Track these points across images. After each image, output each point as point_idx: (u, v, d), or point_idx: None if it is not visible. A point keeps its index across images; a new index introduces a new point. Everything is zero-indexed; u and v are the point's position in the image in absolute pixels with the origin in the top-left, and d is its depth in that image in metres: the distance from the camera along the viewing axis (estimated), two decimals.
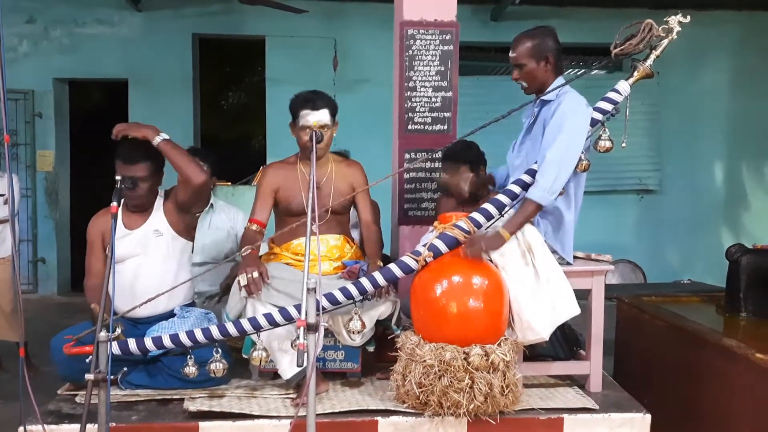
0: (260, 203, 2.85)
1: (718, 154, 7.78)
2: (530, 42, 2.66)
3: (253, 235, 2.79)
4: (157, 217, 2.80)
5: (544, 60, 2.65)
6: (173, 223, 2.80)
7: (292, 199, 2.84)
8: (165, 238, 2.77)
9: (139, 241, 2.75)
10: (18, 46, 7.07)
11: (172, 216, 2.79)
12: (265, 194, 2.86)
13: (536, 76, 2.67)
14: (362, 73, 7.12)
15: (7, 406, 3.90)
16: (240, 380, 2.75)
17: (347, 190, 2.91)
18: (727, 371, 2.71)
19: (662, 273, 7.01)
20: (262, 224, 2.83)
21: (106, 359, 1.97)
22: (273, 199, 2.87)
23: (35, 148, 7.19)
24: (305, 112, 2.79)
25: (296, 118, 2.83)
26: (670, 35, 2.55)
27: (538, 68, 2.66)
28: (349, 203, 2.96)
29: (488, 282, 2.42)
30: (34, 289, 7.17)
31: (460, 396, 2.31)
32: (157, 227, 2.78)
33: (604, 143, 2.58)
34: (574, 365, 2.82)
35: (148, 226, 2.77)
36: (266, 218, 2.86)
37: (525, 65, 2.66)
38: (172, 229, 2.80)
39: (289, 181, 2.87)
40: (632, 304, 3.65)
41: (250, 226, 2.82)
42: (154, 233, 2.76)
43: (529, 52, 2.65)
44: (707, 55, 7.49)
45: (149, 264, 2.75)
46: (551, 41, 2.67)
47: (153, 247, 2.76)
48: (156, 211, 2.81)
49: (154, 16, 7.26)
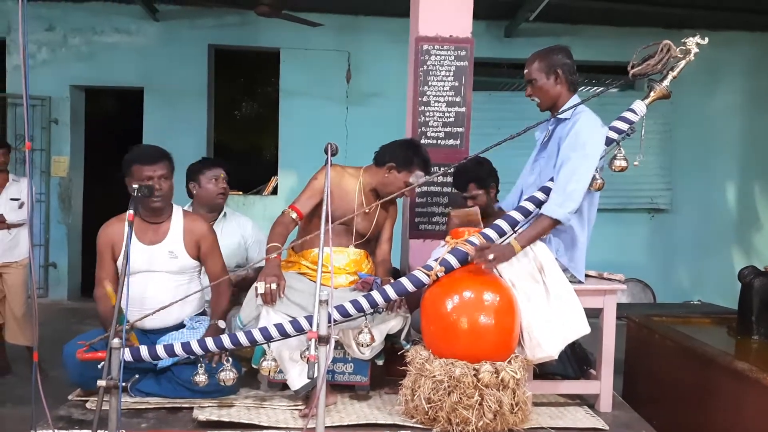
0: (307, 195, 2.87)
1: (730, 175, 7.74)
2: (540, 57, 2.70)
3: (288, 221, 2.81)
4: (174, 239, 2.77)
5: (554, 75, 2.67)
6: (190, 251, 2.78)
7: (337, 207, 2.80)
8: (179, 261, 2.76)
9: (152, 259, 2.73)
10: (37, 53, 7.16)
11: (191, 248, 2.78)
12: (316, 191, 2.85)
13: (547, 90, 2.69)
14: (375, 87, 7.16)
15: (16, 410, 3.92)
16: (249, 390, 2.75)
17: (383, 221, 3.02)
18: (739, 394, 2.68)
19: (672, 293, 6.96)
20: (300, 215, 2.84)
21: (118, 366, 1.98)
22: (320, 200, 2.80)
23: (50, 153, 7.26)
24: (419, 173, 2.91)
25: (406, 168, 2.92)
26: (688, 56, 2.57)
27: (548, 83, 2.68)
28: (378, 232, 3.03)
29: (500, 298, 2.41)
30: (44, 294, 7.21)
31: (470, 413, 2.30)
32: (173, 249, 2.75)
33: (619, 162, 2.58)
34: (584, 384, 2.80)
35: (163, 246, 2.74)
36: (306, 212, 2.86)
37: (536, 80, 2.70)
38: (187, 254, 2.78)
39: (343, 191, 2.90)
40: (642, 323, 3.63)
41: (289, 211, 2.83)
42: (168, 254, 2.74)
43: (539, 67, 2.69)
44: (720, 75, 7.47)
45: (160, 278, 2.74)
46: (561, 57, 2.69)
47: (165, 264, 2.75)
48: (173, 231, 2.78)
49: (171, 26, 7.34)
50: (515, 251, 2.48)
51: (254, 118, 11.26)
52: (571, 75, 2.69)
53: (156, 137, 6.99)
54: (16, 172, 5.19)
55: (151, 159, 2.69)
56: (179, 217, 2.81)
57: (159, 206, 2.72)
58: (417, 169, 2.91)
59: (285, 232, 2.79)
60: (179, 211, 2.84)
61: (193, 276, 2.85)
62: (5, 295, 4.64)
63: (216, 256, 2.85)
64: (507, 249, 2.49)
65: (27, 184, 2.96)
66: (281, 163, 7.41)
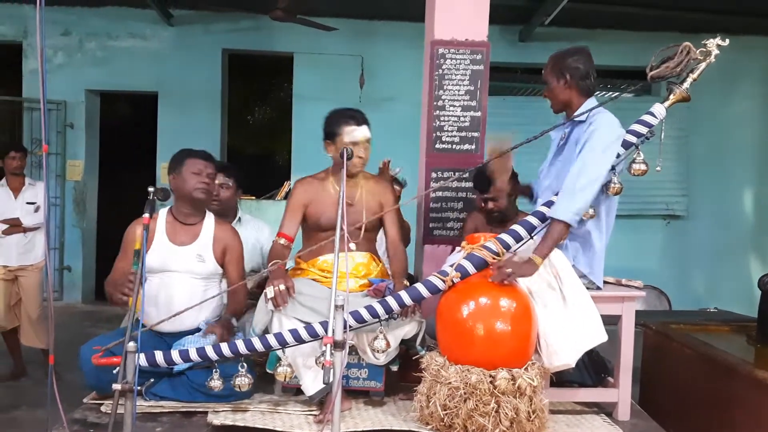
0: (289, 217, 2.87)
1: (747, 181, 7.66)
2: (553, 60, 2.71)
3: (280, 249, 2.80)
4: (204, 243, 2.83)
5: (563, 78, 2.66)
6: (217, 257, 2.84)
7: (321, 214, 2.85)
8: (206, 265, 2.81)
9: (179, 260, 2.77)
10: (53, 57, 7.23)
11: (218, 254, 2.84)
12: (294, 209, 2.87)
13: (557, 94, 2.70)
14: (389, 92, 7.15)
15: (31, 413, 3.94)
16: (263, 395, 2.74)
17: (377, 208, 2.92)
18: (759, 403, 2.64)
19: (688, 300, 6.87)
20: (290, 239, 2.84)
21: (133, 370, 1.98)
22: (302, 214, 2.88)
23: (65, 157, 7.32)
24: (350, 128, 2.80)
25: (337, 135, 2.81)
26: (708, 58, 2.53)
27: (558, 86, 2.68)
28: (378, 221, 2.97)
29: (516, 304, 2.39)
30: (59, 297, 7.25)
31: (486, 420, 2.27)
32: (201, 253, 2.81)
33: (638, 166, 2.54)
34: (601, 392, 2.77)
35: (192, 249, 2.80)
36: (294, 233, 2.87)
37: (548, 82, 2.71)
38: (215, 260, 2.84)
39: (320, 196, 2.88)
40: (659, 331, 3.58)
41: (278, 240, 2.83)
42: (197, 257, 2.80)
43: (551, 69, 2.70)
44: (738, 80, 7.40)
45: (183, 280, 2.77)
46: (574, 60, 2.66)
47: (191, 267, 2.78)
48: (204, 235, 2.84)
49: (186, 31, 7.39)
50: (537, 266, 2.43)
51: (267, 122, 11.29)
52: (582, 79, 2.66)
53: (170, 141, 7.05)
54: (32, 176, 5.23)
55: (205, 156, 2.87)
56: (211, 223, 2.88)
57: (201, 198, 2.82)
58: (343, 125, 2.79)
59: (281, 257, 2.76)
60: (211, 217, 2.91)
61: (215, 282, 2.88)
62: (21, 298, 4.67)
63: (238, 265, 2.91)
64: (529, 266, 2.43)
65: (43, 187, 2.98)
66: (294, 167, 7.42)
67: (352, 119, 2.82)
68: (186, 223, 2.83)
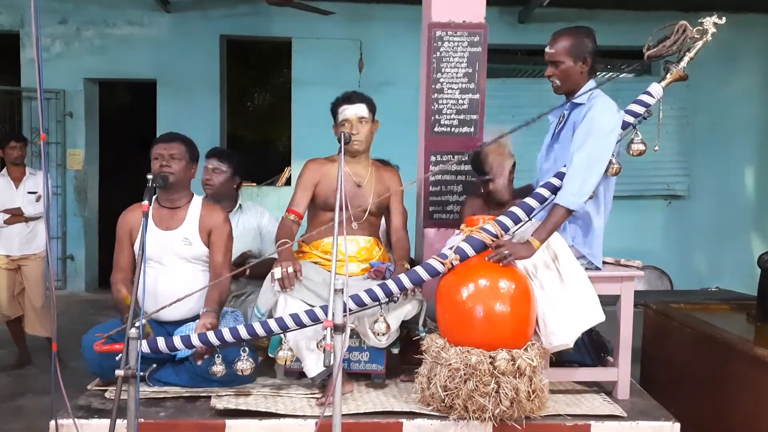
0: (299, 195, 2.93)
1: (749, 160, 7.64)
2: (571, 40, 2.61)
3: (290, 224, 2.86)
4: (190, 226, 2.79)
5: (582, 60, 2.60)
6: (205, 240, 2.80)
7: (330, 194, 2.88)
8: (193, 248, 2.78)
9: (167, 245, 2.75)
10: (51, 46, 7.21)
11: (204, 234, 2.80)
12: (305, 187, 2.93)
13: (571, 75, 2.62)
14: (387, 75, 7.12)
15: (36, 400, 3.98)
16: (266, 379, 2.77)
17: (384, 193, 3.00)
18: (759, 380, 2.65)
19: (689, 280, 6.89)
20: (299, 215, 2.90)
21: (135, 356, 1.99)
22: (312, 193, 2.94)
23: (65, 146, 7.33)
24: (343, 107, 2.93)
25: (336, 117, 2.96)
26: (705, 37, 2.51)
27: (574, 68, 2.61)
28: (384, 206, 3.03)
29: (515, 286, 2.40)
30: (62, 286, 7.30)
31: (486, 400, 2.29)
32: (188, 236, 2.78)
33: (637, 146, 2.54)
34: (601, 372, 2.79)
35: (178, 233, 2.77)
36: (303, 210, 2.94)
37: (562, 63, 2.61)
38: (201, 242, 2.80)
39: (330, 177, 2.92)
40: (660, 311, 3.59)
41: (287, 215, 2.88)
42: (183, 241, 2.77)
43: (568, 50, 2.60)
44: (738, 58, 7.35)
45: (175, 266, 2.76)
46: (591, 43, 2.62)
47: (179, 251, 2.76)
48: (190, 218, 2.81)
49: (183, 17, 7.36)
50: (535, 249, 2.43)
51: (267, 108, 11.27)
52: (595, 63, 2.63)
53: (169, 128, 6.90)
54: (33, 166, 5.23)
55: (166, 138, 2.81)
56: (197, 206, 2.85)
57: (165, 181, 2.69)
58: (338, 106, 2.95)
59: (290, 233, 2.82)
60: (198, 200, 2.87)
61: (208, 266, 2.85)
62: (24, 287, 4.70)
63: (222, 248, 2.81)
64: (527, 248, 2.43)
65: (43, 177, 2.98)
66: (294, 153, 7.42)
67: (346, 100, 2.96)
68: (169, 207, 2.80)
